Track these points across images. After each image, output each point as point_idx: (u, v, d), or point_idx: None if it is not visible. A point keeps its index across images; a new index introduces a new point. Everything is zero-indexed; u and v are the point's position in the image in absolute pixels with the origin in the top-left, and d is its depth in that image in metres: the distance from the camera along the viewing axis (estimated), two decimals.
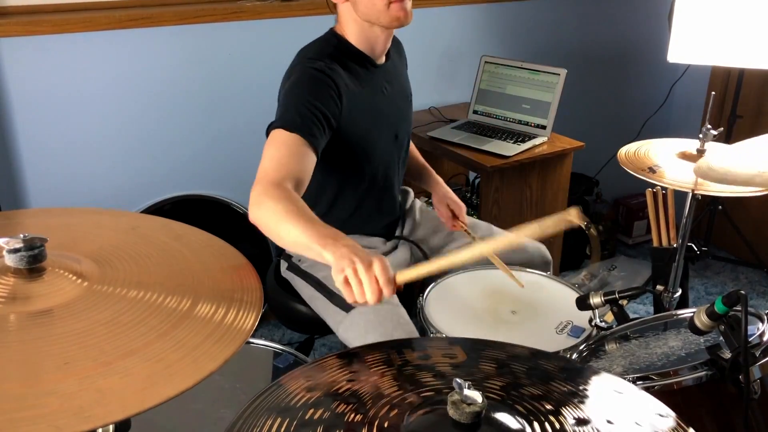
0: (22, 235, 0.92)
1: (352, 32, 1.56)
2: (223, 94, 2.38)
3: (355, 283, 1.09)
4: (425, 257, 1.77)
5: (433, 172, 1.91)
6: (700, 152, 1.84)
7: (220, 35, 2.32)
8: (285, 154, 1.36)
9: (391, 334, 1.47)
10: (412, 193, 1.92)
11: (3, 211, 2.07)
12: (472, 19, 2.81)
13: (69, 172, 2.23)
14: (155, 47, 2.24)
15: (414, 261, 1.76)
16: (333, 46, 1.55)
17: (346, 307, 1.53)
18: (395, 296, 1.55)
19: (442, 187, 1.86)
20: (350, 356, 0.96)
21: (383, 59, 1.64)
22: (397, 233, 1.81)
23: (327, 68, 1.48)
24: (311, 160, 1.40)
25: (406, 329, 1.50)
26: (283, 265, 1.76)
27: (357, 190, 1.66)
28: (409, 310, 1.69)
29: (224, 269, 1.05)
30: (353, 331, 1.51)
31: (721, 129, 1.73)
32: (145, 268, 1.01)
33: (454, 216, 1.80)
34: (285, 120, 1.40)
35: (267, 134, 1.43)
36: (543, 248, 1.84)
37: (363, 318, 1.50)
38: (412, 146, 1.90)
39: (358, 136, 1.57)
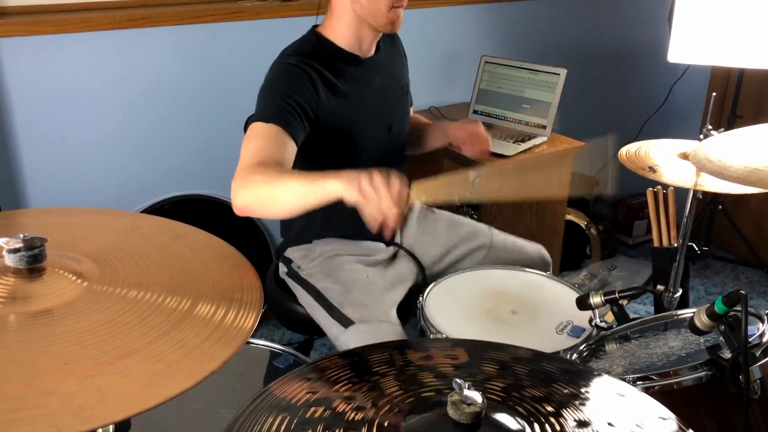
0: (22, 235, 0.92)
1: (342, 25, 1.55)
2: (223, 94, 2.38)
3: (370, 192, 1.12)
4: (421, 269, 1.76)
5: (436, 121, 1.92)
6: None
7: (220, 35, 2.32)
8: (262, 143, 1.38)
9: None
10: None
11: (3, 211, 2.07)
12: (472, 19, 2.81)
13: (69, 172, 2.23)
14: (155, 47, 2.24)
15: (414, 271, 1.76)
16: (312, 44, 1.56)
17: (346, 322, 1.53)
18: (394, 315, 1.55)
19: (447, 125, 1.82)
20: (352, 356, 0.96)
21: (371, 52, 1.64)
22: (397, 240, 1.80)
23: (302, 63, 1.49)
24: (290, 147, 1.41)
25: None
26: (282, 268, 1.75)
27: None
28: (409, 311, 1.68)
29: (224, 269, 1.05)
30: (351, 346, 1.51)
31: (722, 129, 1.73)
32: (145, 268, 1.01)
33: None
34: (261, 113, 1.43)
35: (245, 131, 1.44)
36: (543, 250, 1.83)
37: (362, 336, 1.49)
38: (413, 114, 1.88)
39: (345, 132, 1.57)
